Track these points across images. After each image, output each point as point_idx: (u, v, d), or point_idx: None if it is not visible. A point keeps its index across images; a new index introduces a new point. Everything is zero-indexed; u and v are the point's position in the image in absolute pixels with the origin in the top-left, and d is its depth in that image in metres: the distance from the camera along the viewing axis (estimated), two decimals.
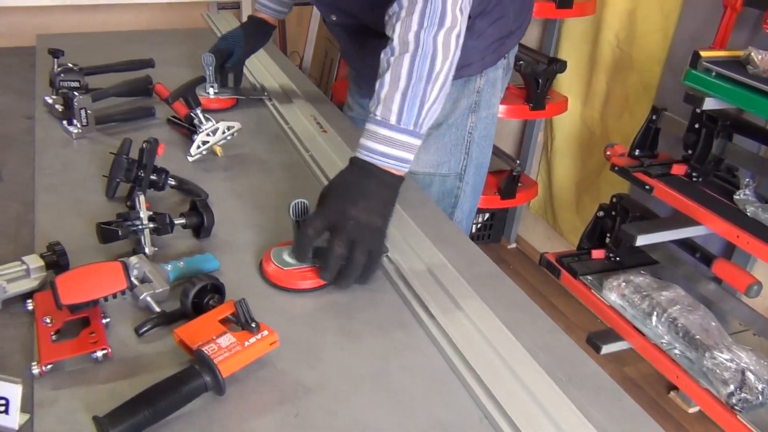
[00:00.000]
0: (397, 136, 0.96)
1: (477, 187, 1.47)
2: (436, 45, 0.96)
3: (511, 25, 1.33)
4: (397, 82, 0.96)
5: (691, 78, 1.51)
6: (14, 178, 1.21)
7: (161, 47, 1.85)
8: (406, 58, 0.96)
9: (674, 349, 1.55)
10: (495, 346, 0.85)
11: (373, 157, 0.96)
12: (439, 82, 0.97)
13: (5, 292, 0.88)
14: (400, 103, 0.95)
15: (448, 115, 1.35)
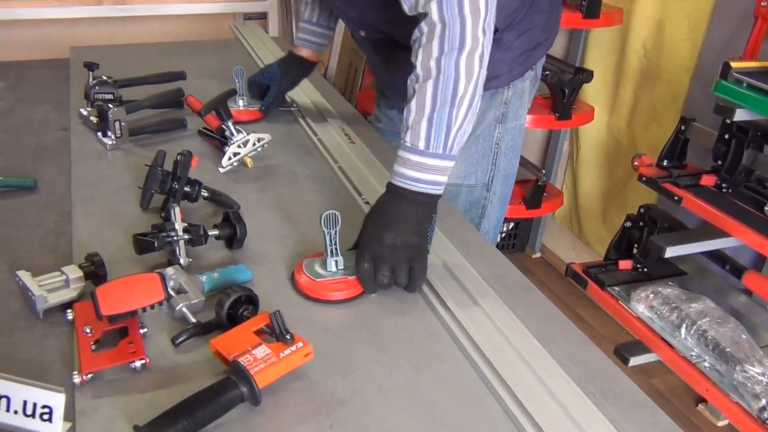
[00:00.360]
0: (427, 161, 0.98)
1: (504, 197, 1.47)
2: (458, 69, 0.97)
3: (538, 36, 1.33)
4: (423, 108, 0.98)
5: (721, 89, 1.50)
6: (51, 189, 1.23)
7: (190, 59, 1.87)
8: (429, 85, 0.97)
9: (704, 362, 1.54)
10: (526, 358, 0.86)
11: (405, 182, 0.99)
12: (465, 105, 0.98)
13: (46, 302, 0.91)
14: (427, 129, 0.97)
15: (476, 126, 1.35)
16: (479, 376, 0.84)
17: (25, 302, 0.94)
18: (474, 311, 0.95)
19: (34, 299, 0.90)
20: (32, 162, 1.32)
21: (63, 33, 2.94)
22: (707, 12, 1.92)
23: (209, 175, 1.25)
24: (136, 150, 1.37)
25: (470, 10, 0.96)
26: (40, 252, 1.05)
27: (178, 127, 1.46)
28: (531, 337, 0.90)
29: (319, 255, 1.01)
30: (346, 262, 0.99)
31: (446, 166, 1.00)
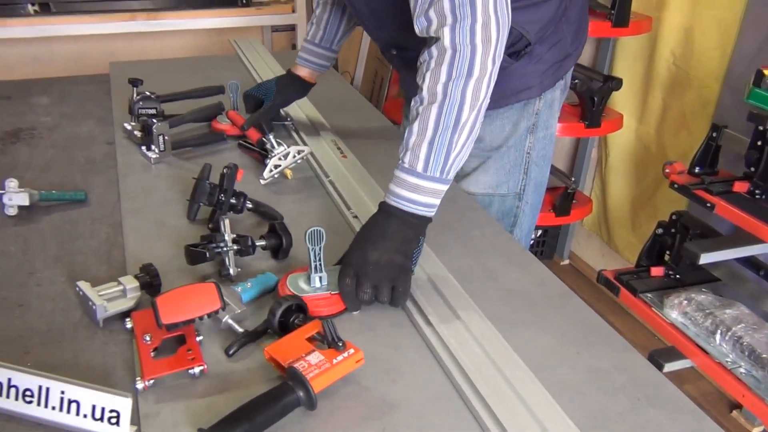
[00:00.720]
0: (424, 183, 0.99)
1: (536, 206, 1.49)
2: (464, 95, 0.98)
3: (568, 48, 1.35)
4: (425, 131, 0.98)
5: (755, 96, 1.51)
6: (101, 202, 1.28)
7: (222, 72, 1.90)
8: (434, 108, 0.98)
9: (739, 368, 1.54)
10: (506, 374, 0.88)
11: (400, 202, 1.00)
12: (467, 131, 0.99)
13: (106, 311, 0.94)
14: (427, 152, 0.98)
15: (508, 137, 1.38)
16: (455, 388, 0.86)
17: (84, 311, 0.98)
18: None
19: (94, 309, 0.94)
20: (82, 176, 1.37)
21: (98, 48, 3.02)
22: (737, 20, 1.93)
23: (251, 187, 1.29)
24: (179, 163, 1.42)
25: (482, 38, 0.97)
26: (95, 263, 1.10)
27: (219, 140, 1.51)
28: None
29: (303, 270, 1.02)
30: (329, 277, 1.00)
31: (442, 189, 1.01)
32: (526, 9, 1.23)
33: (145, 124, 1.40)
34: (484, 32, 0.97)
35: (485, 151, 1.40)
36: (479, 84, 0.98)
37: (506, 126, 1.37)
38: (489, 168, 1.41)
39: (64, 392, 0.77)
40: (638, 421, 0.81)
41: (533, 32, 1.26)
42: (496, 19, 0.97)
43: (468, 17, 0.97)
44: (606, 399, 0.84)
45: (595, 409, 0.83)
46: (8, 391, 0.78)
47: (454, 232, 1.21)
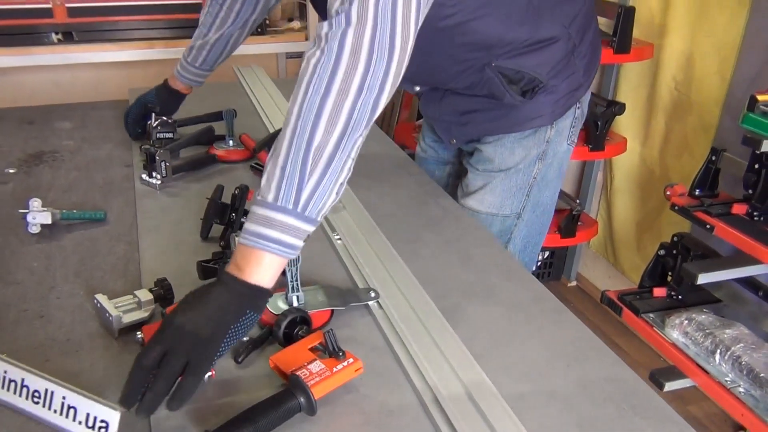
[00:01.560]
0: (275, 216, 0.86)
1: (532, 223, 1.51)
2: (319, 115, 0.86)
3: (580, 79, 1.38)
4: (277, 157, 0.87)
5: (748, 121, 1.55)
6: (119, 221, 1.34)
7: (228, 98, 1.94)
8: (288, 130, 0.87)
9: (739, 387, 1.56)
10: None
11: (249, 239, 0.87)
12: (324, 157, 0.86)
13: (121, 322, 1.00)
14: (278, 180, 0.86)
15: (518, 162, 1.42)
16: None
17: (100, 323, 1.04)
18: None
19: (111, 319, 1.00)
20: (101, 196, 1.43)
21: (117, 75, 3.11)
22: (736, 46, 1.98)
23: None
24: (184, 185, 1.48)
25: (347, 59, 0.86)
26: (112, 277, 1.16)
27: (212, 162, 1.57)
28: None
29: (282, 291, 1.06)
30: (306, 297, 1.04)
31: (298, 226, 0.87)
32: (534, 52, 1.27)
33: (148, 153, 1.46)
34: (351, 54, 0.85)
35: (493, 172, 1.44)
36: (337, 106, 0.86)
37: (516, 150, 1.41)
38: (495, 188, 1.45)
39: (65, 398, 0.82)
40: (624, 430, 0.85)
41: (544, 73, 1.30)
42: (370, 45, 0.86)
43: (338, 32, 0.86)
44: (594, 408, 0.88)
45: (582, 418, 0.87)
46: (21, 390, 0.85)
47: (455, 250, 1.26)
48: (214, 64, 1.61)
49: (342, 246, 1.24)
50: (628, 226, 2.54)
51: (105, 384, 0.91)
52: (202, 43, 1.56)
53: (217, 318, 0.84)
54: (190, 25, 2.87)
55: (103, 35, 2.75)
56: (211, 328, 0.84)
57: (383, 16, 0.86)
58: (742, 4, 1.93)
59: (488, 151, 1.44)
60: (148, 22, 2.83)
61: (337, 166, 0.88)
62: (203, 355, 0.83)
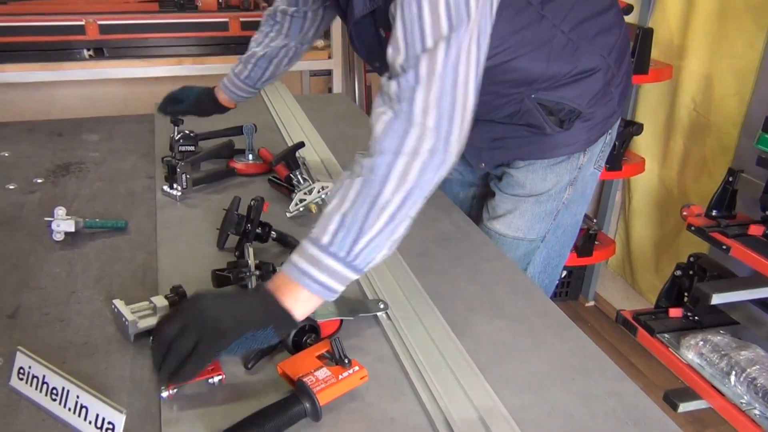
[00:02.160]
0: (325, 259, 0.89)
1: (552, 244, 1.51)
2: (389, 173, 0.89)
3: (615, 106, 1.38)
4: (342, 203, 0.89)
5: (763, 142, 1.56)
6: (140, 230, 1.39)
7: (248, 114, 1.91)
8: (357, 182, 0.90)
9: (754, 410, 1.55)
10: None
11: (293, 273, 0.90)
12: (386, 213, 0.89)
13: (137, 327, 1.04)
14: (336, 226, 0.88)
15: (550, 188, 1.41)
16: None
17: (117, 327, 1.07)
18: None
19: (127, 324, 1.03)
20: (123, 206, 1.48)
21: (145, 90, 3.19)
22: (754, 68, 1.98)
23: (278, 219, 1.38)
24: (204, 196, 1.52)
25: (420, 122, 0.89)
26: (131, 284, 1.20)
27: (231, 175, 1.61)
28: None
29: None
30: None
31: (342, 273, 0.89)
32: (575, 83, 1.27)
33: (170, 165, 1.50)
34: (427, 113, 0.90)
35: (523, 197, 1.43)
36: (408, 166, 0.89)
37: (548, 176, 1.40)
38: (525, 213, 1.43)
39: (79, 397, 0.86)
40: None
41: (584, 103, 1.30)
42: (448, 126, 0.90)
43: (406, 99, 0.90)
44: (595, 422, 0.89)
45: (584, 431, 0.88)
46: (41, 386, 0.89)
47: (464, 264, 1.28)
48: (257, 82, 1.63)
49: None
50: (646, 246, 2.53)
51: (118, 386, 0.95)
52: (249, 56, 1.61)
53: (239, 319, 0.88)
54: (218, 43, 2.97)
55: (133, 51, 2.83)
56: (230, 325, 0.87)
57: (449, 78, 0.90)
58: (761, 26, 1.93)
59: (519, 176, 1.42)
60: (176, 39, 2.90)
61: (396, 223, 0.90)
62: (211, 345, 0.86)
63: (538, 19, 1.20)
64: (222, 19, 2.96)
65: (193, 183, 1.50)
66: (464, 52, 0.90)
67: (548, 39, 1.22)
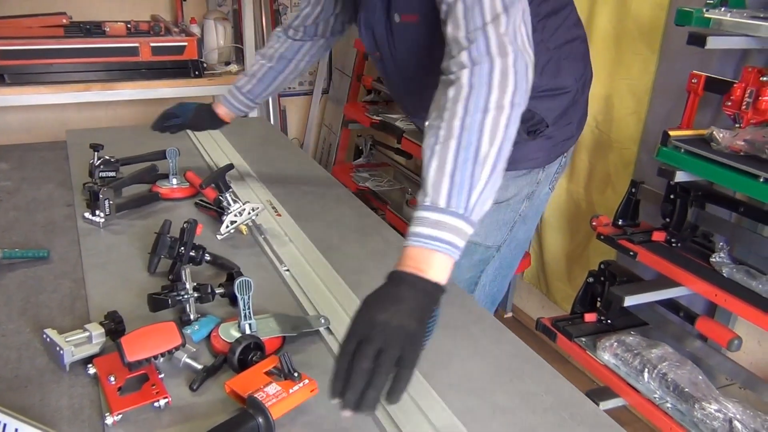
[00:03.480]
0: (447, 219, 0.93)
1: (504, 258, 1.59)
2: (482, 129, 0.96)
3: (573, 130, 1.50)
4: (444, 166, 0.95)
5: (662, 155, 1.69)
6: (63, 259, 1.34)
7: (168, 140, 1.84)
8: (452, 142, 0.95)
9: (666, 403, 1.65)
10: None
11: (422, 241, 0.92)
12: (488, 165, 0.95)
13: (72, 356, 1.00)
14: (448, 187, 0.94)
15: (509, 198, 1.50)
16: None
17: (50, 358, 1.03)
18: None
19: (61, 353, 1.00)
20: (44, 235, 1.42)
21: (51, 117, 3.09)
22: (648, 89, 2.15)
23: (208, 242, 1.37)
24: (130, 222, 1.49)
25: (499, 83, 0.98)
26: (60, 314, 1.15)
27: (155, 200, 1.59)
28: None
29: (234, 320, 1.10)
30: (258, 325, 1.07)
31: (464, 229, 0.94)
32: (548, 98, 1.38)
33: (92, 191, 1.46)
34: (502, 78, 0.98)
35: None
36: (497, 121, 0.97)
37: (509, 187, 1.48)
38: (484, 219, 1.48)
39: (18, 430, 0.83)
40: None
41: (551, 117, 1.40)
42: (515, 71, 0.99)
43: (486, 63, 1.00)
44: (535, 418, 0.94)
45: (525, 427, 0.93)
46: None
47: None
48: (258, 96, 1.67)
49: (290, 276, 1.27)
50: (559, 257, 2.66)
51: (57, 416, 0.92)
52: (256, 70, 1.64)
53: (417, 314, 0.88)
54: (128, 68, 2.90)
55: (37, 78, 2.73)
56: (416, 322, 0.87)
57: (514, 46, 1.00)
58: (653, 50, 2.10)
59: None
60: (84, 65, 2.82)
61: (497, 171, 0.97)
62: (415, 348, 0.86)
63: (533, 29, 1.28)
64: (132, 44, 2.90)
65: (116, 209, 1.47)
66: (519, 23, 1.03)
67: (536, 52, 1.31)
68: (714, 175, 1.60)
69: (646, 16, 2.10)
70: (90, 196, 1.46)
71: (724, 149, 1.59)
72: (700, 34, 1.61)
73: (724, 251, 1.73)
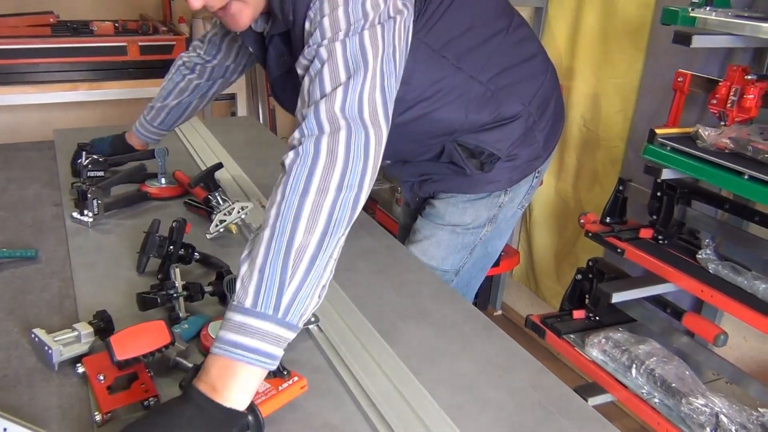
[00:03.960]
0: (253, 322, 0.81)
1: (467, 273, 1.53)
2: (299, 215, 0.83)
3: (540, 150, 1.42)
4: (255, 259, 0.83)
5: (649, 152, 1.70)
6: (51, 258, 1.33)
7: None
8: (266, 232, 0.84)
9: (654, 398, 1.67)
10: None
11: (224, 349, 0.81)
12: (306, 260, 0.83)
13: (61, 355, 1.00)
14: (257, 284, 0.82)
15: (468, 222, 1.44)
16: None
17: (38, 358, 1.03)
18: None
19: (50, 353, 0.99)
20: (31, 235, 1.42)
21: (36, 117, 3.07)
22: (635, 87, 2.17)
23: (197, 241, 1.36)
24: (118, 222, 1.49)
25: (324, 161, 0.86)
26: (48, 313, 1.15)
27: (144, 199, 1.59)
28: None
29: (221, 318, 1.09)
30: None
31: (279, 333, 0.82)
32: (494, 129, 1.32)
33: (80, 191, 1.46)
34: (328, 157, 0.86)
35: (440, 225, 1.45)
36: (318, 205, 0.84)
37: (468, 210, 1.43)
38: (441, 243, 1.46)
39: (6, 429, 0.82)
40: (552, 430, 0.92)
41: (504, 148, 1.34)
42: (346, 148, 0.87)
43: (310, 141, 0.87)
44: (524, 412, 0.95)
45: (514, 423, 0.93)
46: None
47: (389, 276, 1.32)
48: (172, 126, 1.66)
49: None
50: (548, 255, 2.68)
51: (46, 416, 0.91)
52: (161, 106, 1.62)
53: None
54: (116, 68, 2.89)
55: (23, 77, 2.71)
56: None
57: (353, 120, 0.89)
58: (639, 49, 2.12)
59: (440, 206, 1.45)
60: (71, 64, 2.80)
61: (319, 267, 0.84)
62: None
63: (453, 71, 1.23)
64: (120, 44, 2.89)
65: (104, 208, 1.46)
66: (368, 91, 0.92)
67: (466, 90, 1.26)
68: (700, 173, 1.61)
69: (633, 15, 2.12)
70: (78, 195, 1.46)
71: (710, 147, 1.61)
72: (685, 33, 1.63)
73: (710, 248, 1.75)
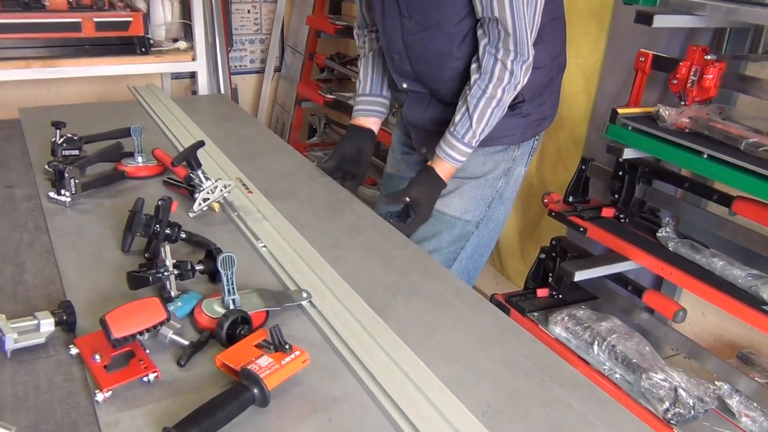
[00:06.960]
0: (463, 148, 1.42)
1: (482, 236, 1.68)
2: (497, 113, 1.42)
3: (547, 111, 1.61)
4: (481, 121, 1.41)
5: (611, 132, 1.75)
6: (3, 242, 1.29)
7: (126, 117, 1.87)
8: (489, 110, 1.39)
9: (615, 374, 1.72)
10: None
11: (446, 158, 1.45)
12: (493, 105, 1.37)
13: (15, 344, 0.96)
14: (474, 131, 1.41)
15: (487, 172, 1.60)
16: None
17: None
18: None
19: (3, 340, 0.96)
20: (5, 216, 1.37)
21: None
22: (597, 67, 2.22)
23: (179, 220, 1.34)
24: (97, 201, 1.46)
25: (514, 48, 1.31)
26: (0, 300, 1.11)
27: (121, 178, 1.56)
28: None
29: (217, 295, 1.10)
30: (241, 300, 1.07)
31: (469, 152, 1.43)
32: None
33: (57, 170, 1.42)
34: (519, 46, 1.34)
35: (464, 179, 1.60)
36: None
37: (487, 162, 1.60)
38: (464, 194, 1.61)
39: None
40: (545, 396, 0.97)
41: (527, 92, 1.49)
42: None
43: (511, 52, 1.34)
44: (518, 381, 0.99)
45: (509, 390, 0.97)
46: None
47: (376, 253, 1.34)
48: (382, 88, 1.69)
49: (267, 252, 1.28)
50: (512, 234, 2.74)
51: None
52: (361, 75, 1.70)
53: (432, 195, 1.49)
54: (70, 44, 2.79)
55: None
56: (429, 205, 1.49)
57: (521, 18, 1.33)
58: (602, 29, 2.17)
59: None
60: (22, 41, 2.69)
61: (498, 112, 1.42)
62: (422, 209, 1.49)
63: None
64: (73, 19, 2.78)
65: (82, 188, 1.43)
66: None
67: None
68: (660, 152, 1.67)
69: None
70: (55, 174, 1.42)
71: (670, 126, 1.66)
72: (647, 13, 1.67)
73: (669, 226, 1.81)
